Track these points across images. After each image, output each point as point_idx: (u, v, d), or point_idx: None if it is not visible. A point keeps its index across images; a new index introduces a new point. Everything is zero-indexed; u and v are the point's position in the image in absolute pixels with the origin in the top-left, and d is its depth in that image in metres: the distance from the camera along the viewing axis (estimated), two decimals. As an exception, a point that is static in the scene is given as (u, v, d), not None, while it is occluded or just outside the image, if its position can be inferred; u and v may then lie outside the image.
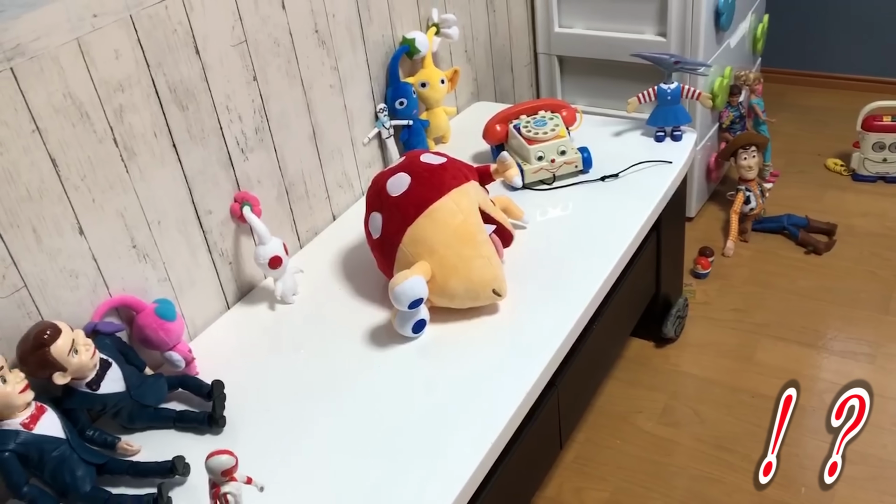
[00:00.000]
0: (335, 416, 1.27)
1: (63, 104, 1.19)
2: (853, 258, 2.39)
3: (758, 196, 2.47)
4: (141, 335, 1.33)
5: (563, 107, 1.89)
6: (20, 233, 1.17)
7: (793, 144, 2.95)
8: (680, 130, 1.89)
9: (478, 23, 2.22)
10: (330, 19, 1.68)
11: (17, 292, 1.18)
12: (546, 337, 1.37)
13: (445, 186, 1.43)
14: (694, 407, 1.98)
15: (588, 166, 1.80)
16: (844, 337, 2.12)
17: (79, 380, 1.17)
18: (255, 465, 1.13)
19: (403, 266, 1.39)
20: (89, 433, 1.21)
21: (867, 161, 2.69)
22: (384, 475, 1.16)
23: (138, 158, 1.33)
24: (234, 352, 1.45)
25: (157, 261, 1.40)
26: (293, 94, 1.62)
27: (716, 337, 2.18)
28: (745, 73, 2.58)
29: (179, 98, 1.37)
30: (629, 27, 2.33)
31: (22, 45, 1.12)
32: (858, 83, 3.22)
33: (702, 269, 2.37)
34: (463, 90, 2.22)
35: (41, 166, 1.18)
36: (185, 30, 1.36)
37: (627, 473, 1.83)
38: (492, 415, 1.24)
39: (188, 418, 1.28)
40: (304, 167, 1.68)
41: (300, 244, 1.72)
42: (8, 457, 1.07)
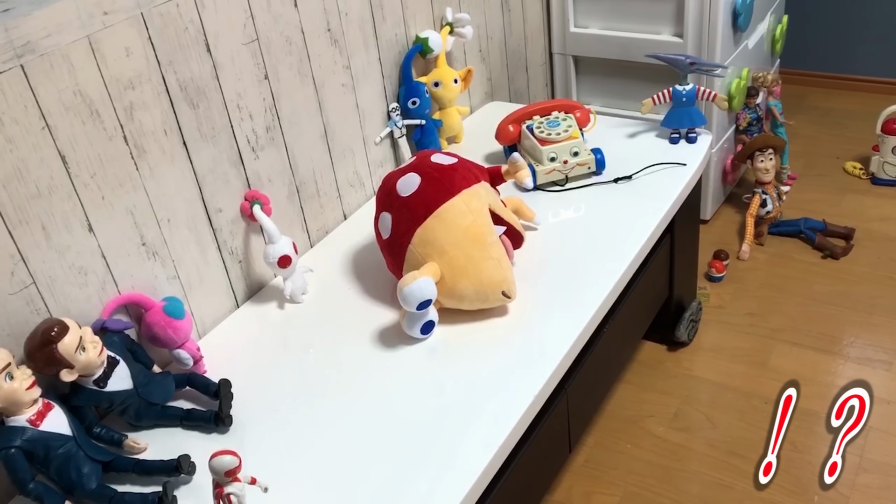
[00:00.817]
0: (343, 417, 1.27)
1: (73, 101, 1.19)
2: (871, 263, 2.35)
3: (774, 199, 2.45)
4: (149, 333, 1.33)
5: (577, 107, 1.87)
6: (29, 229, 1.17)
7: (811, 147, 2.92)
8: (695, 132, 1.87)
9: (493, 22, 2.20)
10: (343, 18, 1.67)
11: (26, 289, 1.19)
12: (556, 340, 1.36)
13: (456, 187, 1.42)
14: (706, 412, 1.96)
15: (601, 168, 1.79)
16: (861, 343, 2.09)
17: (86, 377, 1.17)
18: (261, 464, 1.13)
19: (413, 266, 1.38)
20: (96, 430, 1.21)
21: (887, 164, 2.66)
22: (392, 476, 1.15)
23: (148, 156, 1.33)
24: (242, 351, 1.44)
25: (167, 259, 1.40)
26: (305, 92, 1.61)
27: (730, 341, 2.15)
28: (763, 74, 2.55)
29: (190, 96, 1.37)
30: (645, 27, 2.30)
31: (32, 43, 1.12)
32: (879, 85, 3.18)
33: (716, 272, 2.35)
34: (477, 90, 2.20)
35: (51, 163, 1.18)
36: (196, 28, 1.36)
37: (638, 478, 1.82)
38: (500, 417, 1.23)
39: (195, 417, 1.27)
40: (315, 166, 1.68)
41: (310, 243, 1.71)
42: (14, 453, 1.07)
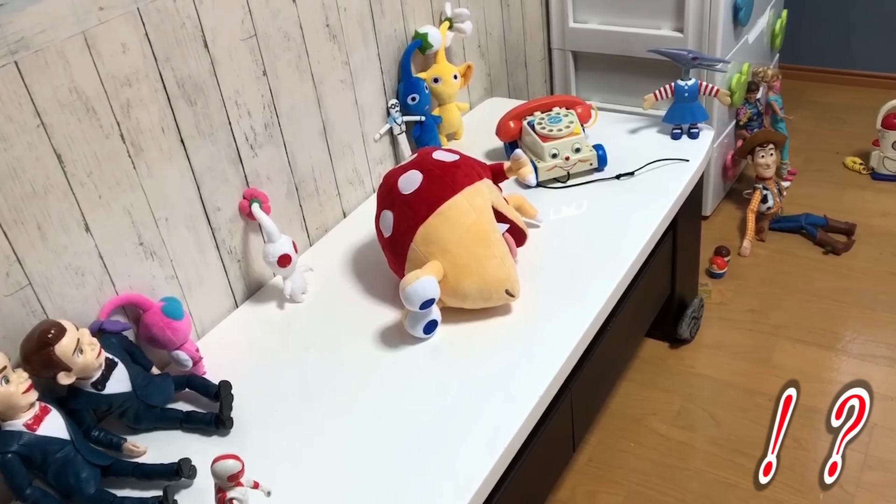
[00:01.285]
0: (345, 418, 1.25)
1: (69, 99, 1.17)
2: (872, 259, 2.34)
3: (775, 195, 2.43)
4: (148, 334, 1.31)
5: (578, 103, 1.85)
6: (25, 229, 1.15)
7: (811, 142, 2.91)
8: (697, 128, 1.85)
9: (492, 17, 2.18)
10: (341, 13, 1.65)
11: (22, 290, 1.16)
12: (560, 339, 1.34)
13: (458, 184, 1.40)
14: (709, 410, 1.94)
15: (603, 164, 1.77)
16: (864, 339, 2.08)
17: (84, 380, 1.15)
18: (262, 466, 1.11)
19: (415, 265, 1.36)
20: (95, 434, 1.19)
21: (887, 160, 2.65)
22: (395, 478, 1.13)
23: (146, 154, 1.30)
24: (242, 351, 1.42)
25: (165, 258, 1.38)
26: (303, 89, 1.59)
27: (732, 338, 2.14)
28: (763, 69, 2.53)
29: (188, 93, 1.35)
30: (645, 22, 2.29)
31: (26, 39, 1.10)
32: (878, 80, 3.17)
33: (717, 268, 2.33)
34: (476, 86, 2.18)
35: (46, 162, 1.16)
36: (193, 23, 1.34)
37: (641, 477, 1.80)
38: (505, 418, 1.21)
39: (195, 419, 1.25)
40: (314, 164, 1.66)
41: (310, 242, 1.69)
42: (11, 458, 1.04)
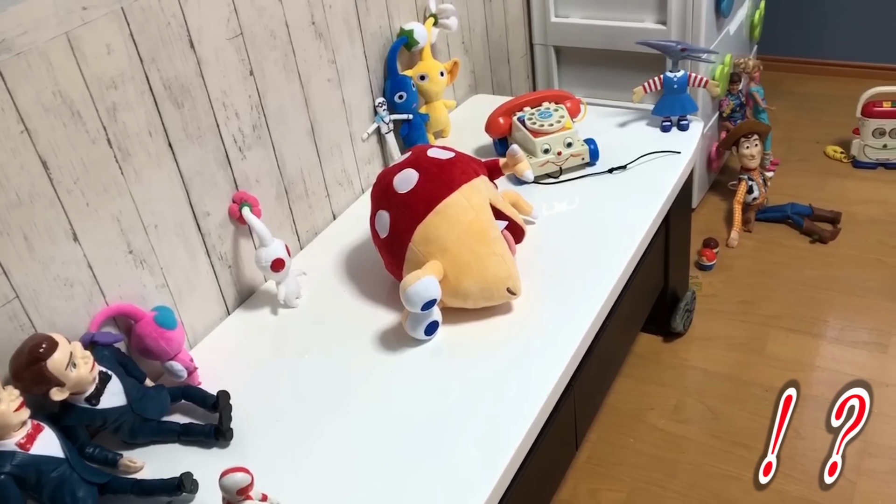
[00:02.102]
0: (346, 423, 1.21)
1: (53, 103, 1.12)
2: (858, 246, 2.35)
3: (760, 185, 2.44)
4: (140, 345, 1.26)
5: (568, 98, 1.84)
6: (10, 240, 1.10)
7: (791, 132, 2.93)
8: (687, 119, 1.85)
9: (474, 13, 2.16)
10: (327, 10, 1.61)
11: (9, 303, 1.12)
12: (563, 337, 1.32)
13: (455, 182, 1.37)
14: (707, 402, 1.94)
15: (595, 158, 1.75)
16: (855, 326, 2.08)
17: (77, 395, 1.10)
18: (263, 476, 1.07)
19: (414, 266, 1.33)
20: (89, 451, 1.14)
21: (867, 148, 2.66)
22: (397, 481, 1.11)
23: (133, 159, 1.26)
24: (236, 359, 1.38)
25: (155, 266, 1.33)
26: (291, 88, 1.55)
27: (724, 330, 2.14)
28: (745, 60, 2.54)
29: (174, 95, 1.31)
30: (628, 15, 2.27)
31: (7, 41, 1.05)
32: (854, 70, 3.20)
33: (707, 260, 2.33)
34: (461, 83, 2.16)
35: (31, 169, 1.11)
36: (178, 23, 1.30)
37: (643, 473, 1.79)
38: (511, 420, 1.18)
39: (193, 431, 1.21)
40: (302, 165, 1.62)
41: (300, 245, 1.65)
42: (3, 480, 1.00)
